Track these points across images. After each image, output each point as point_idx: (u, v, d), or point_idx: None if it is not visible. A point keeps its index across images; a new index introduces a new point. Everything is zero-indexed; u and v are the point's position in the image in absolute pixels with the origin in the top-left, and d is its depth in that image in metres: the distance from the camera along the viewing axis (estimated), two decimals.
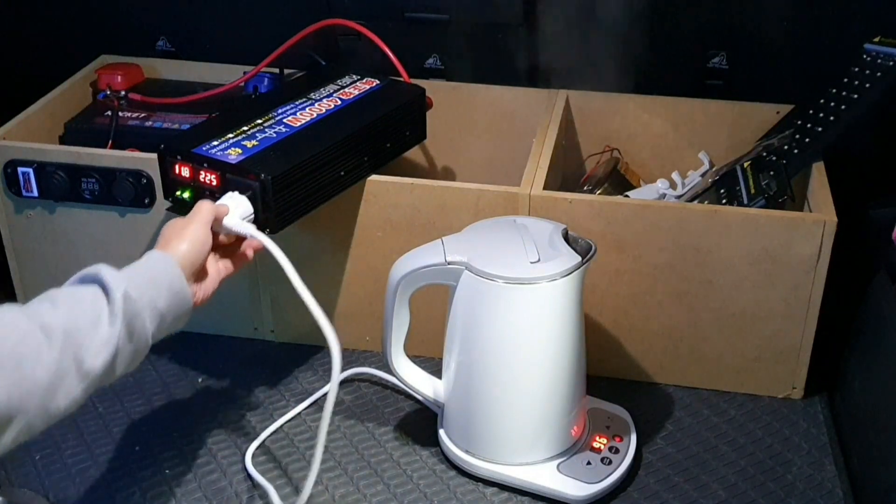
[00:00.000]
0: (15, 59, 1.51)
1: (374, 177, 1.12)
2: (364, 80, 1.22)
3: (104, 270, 0.82)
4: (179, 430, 1.10)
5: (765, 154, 1.17)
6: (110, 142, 1.26)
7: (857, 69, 1.17)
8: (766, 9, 1.28)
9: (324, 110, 1.14)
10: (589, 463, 1.00)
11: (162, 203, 1.15)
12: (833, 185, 1.10)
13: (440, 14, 1.36)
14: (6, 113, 1.26)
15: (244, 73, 1.35)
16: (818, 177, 1.13)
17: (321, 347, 1.23)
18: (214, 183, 1.02)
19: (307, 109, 1.14)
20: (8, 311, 0.75)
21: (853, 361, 1.09)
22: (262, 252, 0.98)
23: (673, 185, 1.26)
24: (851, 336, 1.11)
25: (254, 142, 1.05)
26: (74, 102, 1.35)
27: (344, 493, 1.00)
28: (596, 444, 1.02)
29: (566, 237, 0.99)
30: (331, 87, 1.20)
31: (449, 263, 0.97)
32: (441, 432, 1.05)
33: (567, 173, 1.35)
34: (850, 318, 1.11)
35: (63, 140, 1.30)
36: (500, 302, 0.95)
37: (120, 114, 1.31)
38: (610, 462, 1.00)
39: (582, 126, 1.34)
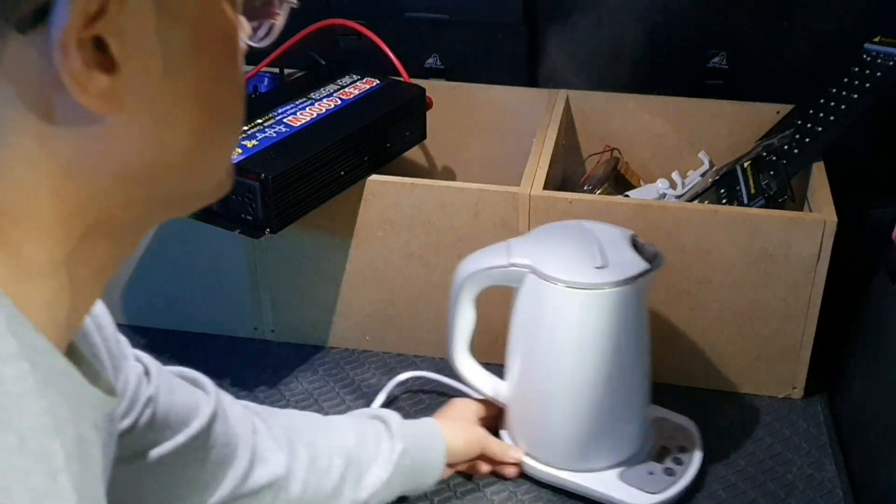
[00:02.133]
0: None
1: (374, 177, 1.12)
2: (364, 80, 1.22)
3: (395, 420, 0.93)
4: None
5: (765, 154, 1.17)
6: None
7: (857, 69, 1.17)
8: (766, 9, 1.28)
9: (324, 110, 1.14)
10: (651, 473, 0.99)
11: None
12: (833, 185, 1.10)
13: (440, 14, 1.36)
14: None
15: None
16: (818, 177, 1.12)
17: (321, 347, 1.23)
18: None
19: (307, 109, 1.14)
20: (313, 417, 0.92)
21: (853, 361, 1.09)
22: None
23: (673, 185, 1.26)
24: (851, 336, 1.11)
25: (254, 141, 1.05)
26: None
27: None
28: (659, 455, 1.01)
29: (634, 243, 0.98)
30: (331, 87, 1.20)
31: (513, 265, 0.96)
32: (503, 433, 1.04)
33: (567, 173, 1.35)
34: (850, 318, 1.11)
35: None
36: (562, 306, 0.94)
37: None
38: (673, 473, 0.99)
39: (582, 126, 1.34)
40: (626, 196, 1.24)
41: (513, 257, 0.96)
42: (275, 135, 1.07)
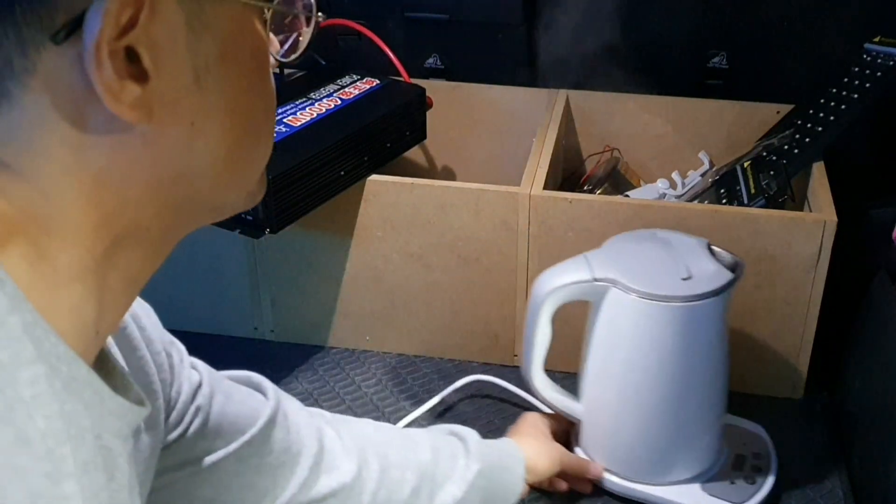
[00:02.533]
0: None
1: (374, 177, 1.12)
2: (364, 80, 1.22)
3: (473, 437, 0.91)
4: None
5: (765, 154, 1.17)
6: None
7: (857, 69, 1.17)
8: (766, 9, 1.28)
9: (324, 110, 1.14)
10: (733, 483, 0.98)
11: None
12: (833, 185, 1.10)
13: (440, 14, 1.36)
14: None
15: None
16: (818, 177, 1.12)
17: (321, 347, 1.23)
18: None
19: (307, 109, 1.14)
20: (392, 430, 0.91)
21: (853, 361, 1.09)
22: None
23: (673, 185, 1.26)
24: (851, 336, 1.11)
25: None
26: None
27: None
28: (736, 463, 1.00)
29: (711, 251, 0.96)
30: (331, 87, 1.20)
31: (596, 280, 0.93)
32: (577, 451, 1.02)
33: (567, 173, 1.35)
34: (850, 318, 1.11)
35: None
36: (649, 320, 0.92)
37: None
38: (753, 482, 0.98)
39: (582, 126, 1.34)
40: (626, 196, 1.24)
41: (596, 271, 0.93)
42: (275, 135, 1.07)
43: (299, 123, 1.10)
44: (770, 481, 0.98)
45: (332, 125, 1.11)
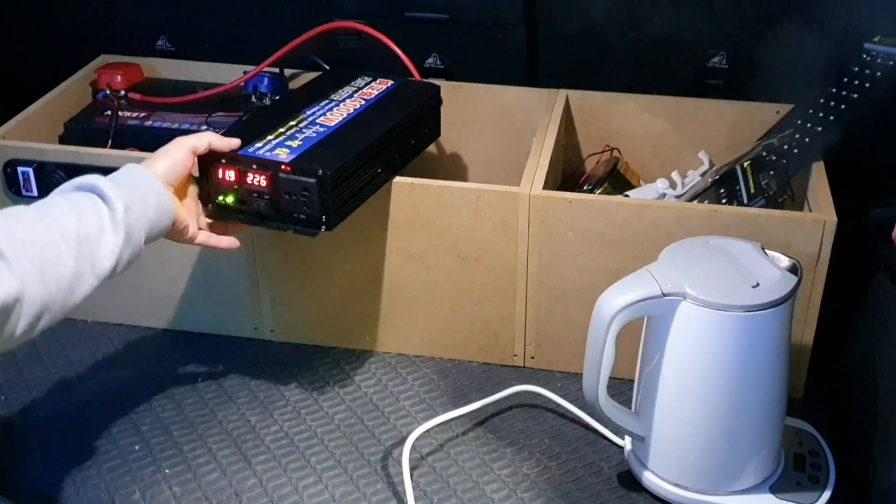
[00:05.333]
0: (15, 59, 1.51)
1: None
2: (378, 81, 1.22)
3: (101, 182, 0.90)
4: (179, 429, 1.10)
5: (765, 154, 1.17)
6: (110, 141, 1.26)
7: (857, 69, 1.17)
8: (766, 9, 1.28)
9: (352, 110, 1.13)
10: (799, 483, 0.98)
11: None
12: (833, 185, 1.10)
13: (440, 14, 1.36)
14: (6, 112, 1.26)
15: (244, 72, 1.35)
16: (818, 177, 1.12)
17: (321, 347, 1.23)
18: (264, 184, 1.01)
19: (335, 110, 1.13)
20: (25, 215, 0.85)
21: (853, 361, 1.09)
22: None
23: (673, 185, 1.26)
24: (851, 336, 1.11)
25: (297, 142, 1.04)
26: (74, 102, 1.35)
27: None
28: (796, 463, 1.00)
29: (766, 255, 0.96)
30: (348, 89, 1.19)
31: (665, 295, 0.91)
32: (646, 472, 1.01)
33: (567, 173, 1.35)
34: (850, 318, 1.11)
35: (63, 140, 1.30)
36: (722, 331, 0.91)
37: (119, 113, 1.31)
38: (817, 480, 0.98)
39: (582, 126, 1.34)
40: (626, 196, 1.24)
41: (664, 286, 0.91)
42: (315, 135, 1.06)
43: (334, 123, 1.10)
44: (832, 479, 0.99)
45: (364, 124, 1.11)
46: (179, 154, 0.99)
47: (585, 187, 1.29)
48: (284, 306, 1.22)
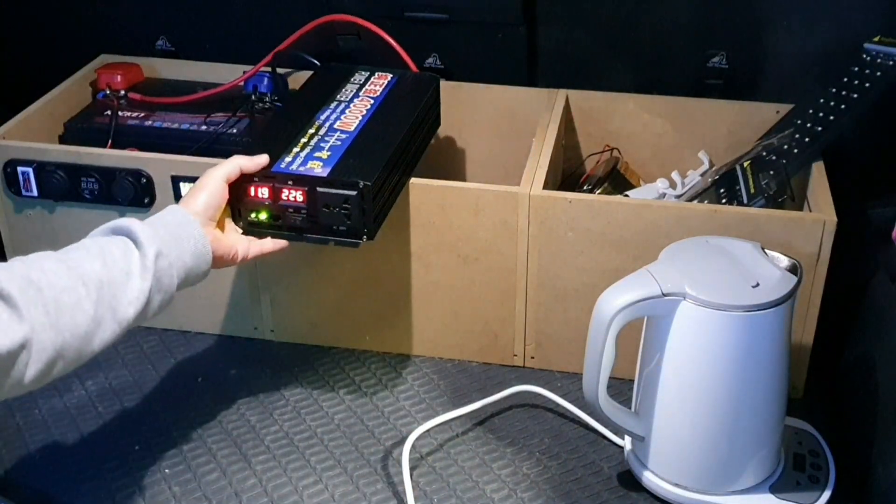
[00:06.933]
0: (15, 59, 1.51)
1: None
2: (377, 76, 1.21)
3: (136, 226, 0.89)
4: (179, 429, 1.10)
5: (765, 154, 1.17)
6: (110, 141, 1.26)
7: (857, 69, 1.17)
8: (765, 9, 1.28)
9: (364, 112, 1.12)
10: (799, 483, 0.98)
11: (161, 203, 1.16)
12: (833, 185, 1.10)
13: (440, 14, 1.36)
14: (6, 112, 1.26)
15: (244, 72, 1.35)
16: (818, 177, 1.13)
17: (321, 347, 1.23)
18: (301, 199, 0.99)
19: (347, 113, 1.12)
20: (47, 260, 0.84)
21: (853, 361, 1.09)
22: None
23: (673, 185, 1.26)
24: (851, 336, 1.11)
25: (325, 153, 1.03)
26: (74, 102, 1.35)
27: None
28: (796, 463, 1.00)
29: (765, 255, 0.96)
30: (351, 87, 1.18)
31: (665, 295, 0.91)
32: (646, 472, 1.00)
33: (567, 173, 1.35)
34: (850, 318, 1.11)
35: (63, 139, 1.30)
36: (723, 331, 0.91)
37: (119, 113, 1.31)
38: (817, 480, 0.98)
39: (582, 126, 1.34)
40: (626, 196, 1.24)
41: (664, 285, 0.91)
42: (339, 143, 1.05)
43: (353, 128, 1.09)
44: (832, 479, 0.99)
45: (382, 126, 1.10)
46: (214, 187, 0.97)
47: (585, 187, 1.29)
48: (284, 306, 1.22)
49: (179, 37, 1.48)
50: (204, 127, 1.28)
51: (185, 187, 1.14)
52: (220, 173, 0.98)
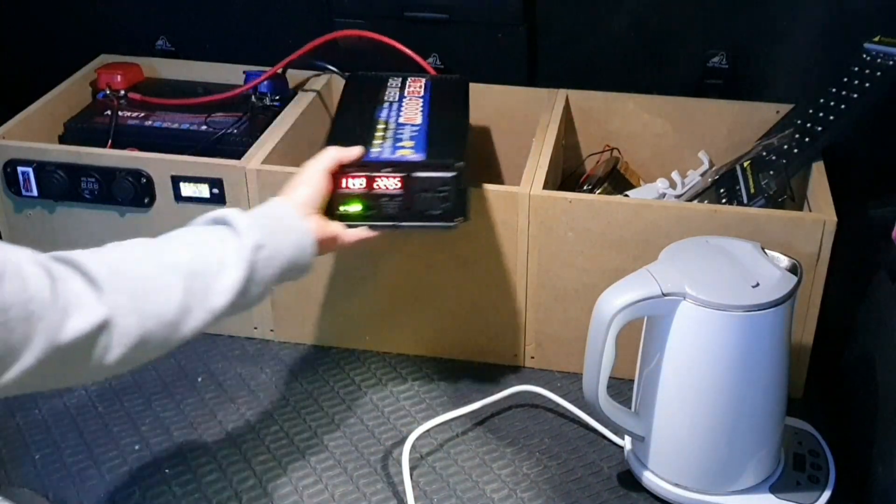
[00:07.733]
0: (15, 59, 1.52)
1: None
2: (412, 79, 1.20)
3: (236, 216, 0.87)
4: (179, 429, 1.10)
5: (765, 154, 1.17)
6: (110, 141, 1.26)
7: (857, 69, 1.17)
8: (766, 9, 1.28)
9: (421, 107, 1.12)
10: (799, 483, 0.98)
11: (161, 203, 1.16)
12: (833, 185, 1.10)
13: (440, 14, 1.36)
14: (6, 112, 1.26)
15: (244, 72, 1.35)
16: (818, 177, 1.13)
17: (321, 347, 1.23)
18: (398, 185, 0.98)
19: (403, 111, 1.11)
20: (140, 245, 0.83)
21: (853, 361, 1.09)
22: None
23: (673, 185, 1.26)
24: (851, 336, 1.11)
25: (408, 141, 1.03)
26: (74, 102, 1.35)
27: None
28: (796, 463, 1.01)
29: (765, 254, 0.96)
30: (392, 92, 1.17)
31: (666, 294, 0.91)
32: (646, 472, 1.01)
33: (567, 173, 1.35)
34: (850, 318, 1.11)
35: (63, 139, 1.30)
36: (722, 331, 0.91)
37: (119, 113, 1.31)
38: (817, 480, 0.98)
39: (582, 126, 1.34)
40: (626, 196, 1.24)
41: (664, 285, 0.91)
42: (415, 133, 1.05)
43: (420, 121, 1.08)
44: (832, 479, 0.99)
45: (444, 117, 1.10)
46: (315, 179, 0.96)
47: (585, 187, 1.29)
48: (284, 306, 1.22)
49: (179, 37, 1.48)
50: (204, 127, 1.28)
51: (185, 187, 1.15)
52: (319, 166, 0.97)
